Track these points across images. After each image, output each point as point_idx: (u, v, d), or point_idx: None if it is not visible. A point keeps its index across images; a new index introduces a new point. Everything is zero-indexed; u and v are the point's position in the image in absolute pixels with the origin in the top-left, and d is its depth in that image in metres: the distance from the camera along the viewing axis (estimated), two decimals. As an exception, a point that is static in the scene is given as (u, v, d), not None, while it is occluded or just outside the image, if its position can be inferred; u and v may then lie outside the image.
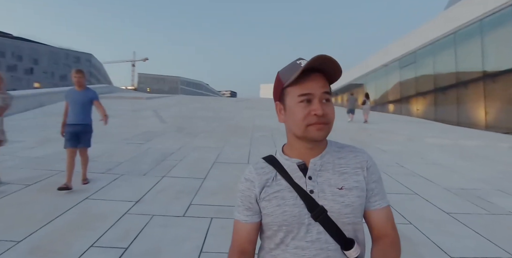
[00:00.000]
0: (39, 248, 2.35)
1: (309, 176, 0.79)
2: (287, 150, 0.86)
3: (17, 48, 61.52)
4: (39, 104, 13.50)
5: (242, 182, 0.86)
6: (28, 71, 62.81)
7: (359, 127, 11.29)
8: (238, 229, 0.84)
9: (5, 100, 3.79)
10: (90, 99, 4.00)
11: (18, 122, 9.08)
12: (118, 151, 5.88)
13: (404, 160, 5.96)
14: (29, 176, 4.14)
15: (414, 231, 2.83)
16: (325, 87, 0.77)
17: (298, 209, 0.76)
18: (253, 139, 7.62)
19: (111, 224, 2.80)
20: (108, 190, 3.74)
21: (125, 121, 10.40)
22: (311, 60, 0.72)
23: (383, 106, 21.70)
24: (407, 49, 18.34)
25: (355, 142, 7.82)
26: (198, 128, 9.25)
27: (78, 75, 3.94)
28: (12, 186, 3.75)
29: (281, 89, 0.80)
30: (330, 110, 0.77)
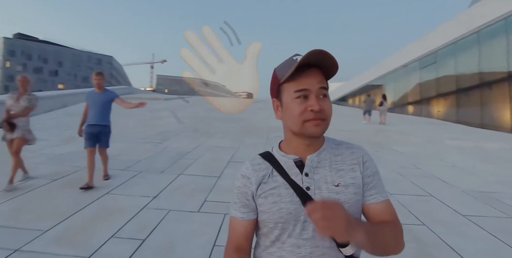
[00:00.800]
0: (63, 238, 2.51)
1: (306, 172, 0.78)
2: (284, 146, 0.85)
3: (43, 51, 64.29)
4: (63, 105, 14.10)
5: (238, 179, 0.85)
6: (53, 73, 65.48)
7: (375, 128, 11.12)
8: (234, 226, 0.83)
9: (31, 101, 3.97)
10: (110, 100, 4.07)
11: (43, 122, 9.54)
12: (136, 150, 6.09)
13: (421, 161, 5.85)
14: (54, 172, 4.38)
15: (426, 232, 2.80)
16: (322, 82, 0.75)
17: (294, 206, 0.76)
18: (268, 139, 7.68)
19: (129, 217, 2.94)
20: (127, 186, 3.90)
21: (143, 121, 10.70)
22: (306, 55, 0.70)
23: (402, 108, 21.21)
24: (427, 49, 17.89)
25: (371, 143, 7.73)
26: (214, 128, 9.40)
27: (98, 78, 4.05)
28: (39, 180, 3.99)
29: (278, 85, 0.79)
30: (327, 106, 0.75)
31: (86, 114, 4.09)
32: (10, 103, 3.87)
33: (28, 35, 69.16)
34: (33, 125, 4.20)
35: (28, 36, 68.67)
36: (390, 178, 4.60)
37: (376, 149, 7.04)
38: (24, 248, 2.33)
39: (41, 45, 65.05)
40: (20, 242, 2.40)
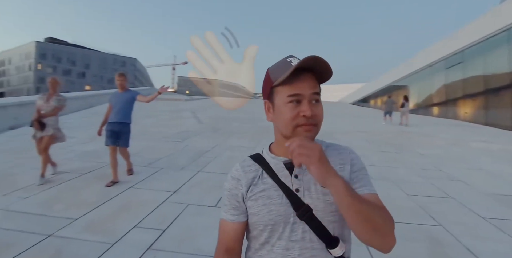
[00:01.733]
0: (92, 226, 2.71)
1: (295, 174, 0.78)
2: (274, 148, 0.85)
3: (72, 55, 67.39)
4: (89, 105, 14.77)
5: (228, 180, 0.85)
6: (81, 75, 68.44)
7: (396, 130, 10.87)
8: (224, 228, 0.82)
9: (60, 102, 4.18)
10: (132, 98, 4.15)
11: (72, 121, 10.06)
12: (158, 148, 6.32)
13: (443, 164, 5.69)
14: (82, 167, 4.65)
15: (443, 233, 2.76)
16: (315, 88, 0.75)
17: (284, 207, 0.76)
18: (286, 140, 7.73)
19: (151, 209, 3.11)
20: (149, 181, 4.09)
21: (164, 121, 11.03)
22: (301, 61, 0.70)
23: (427, 109, 20.50)
24: (454, 48, 17.22)
25: (392, 145, 7.58)
26: (233, 129, 9.55)
27: (121, 78, 4.15)
28: (69, 174, 4.26)
29: (270, 87, 0.78)
30: (319, 111, 0.75)
31: (108, 115, 4.20)
32: (40, 104, 4.08)
33: (58, 39, 72.78)
34: (62, 124, 4.48)
35: (58, 40, 72.25)
36: (409, 180, 4.52)
37: (396, 150, 6.91)
38: (56, 234, 2.54)
39: (70, 49, 68.22)
40: (53, 229, 2.61)
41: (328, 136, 8.63)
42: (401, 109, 12.94)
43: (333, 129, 10.21)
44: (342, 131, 9.84)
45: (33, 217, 2.86)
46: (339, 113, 17.49)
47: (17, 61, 65.13)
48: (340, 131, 9.92)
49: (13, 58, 66.22)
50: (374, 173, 4.80)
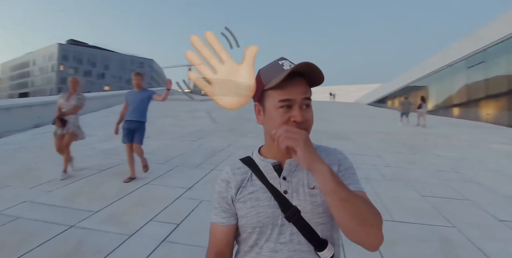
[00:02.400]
0: (111, 218, 2.84)
1: (284, 176, 0.79)
2: (264, 151, 0.86)
3: (92, 56, 69.53)
4: (108, 105, 15.22)
5: (218, 183, 0.85)
6: (100, 76, 70.51)
7: (413, 131, 10.65)
8: (215, 231, 0.82)
9: (80, 100, 4.32)
10: (148, 97, 4.21)
11: (92, 120, 10.42)
12: (173, 146, 6.47)
13: (461, 166, 5.56)
14: (101, 163, 4.84)
15: (456, 234, 2.73)
16: (306, 93, 0.75)
17: (272, 209, 0.76)
18: (299, 140, 7.72)
19: (166, 204, 3.22)
20: (164, 178, 4.21)
21: (180, 121, 11.25)
22: (294, 67, 0.70)
23: (446, 110, 19.92)
24: (475, 47, 16.68)
25: (408, 146, 7.46)
26: (247, 128, 9.61)
27: (137, 78, 4.24)
28: (89, 170, 4.45)
29: (261, 91, 0.77)
30: (310, 116, 0.76)
31: (123, 114, 4.27)
32: (61, 102, 4.24)
33: (79, 41, 75.27)
34: (83, 123, 4.66)
35: (79, 42, 74.73)
36: (424, 181, 4.46)
37: (412, 151, 6.80)
38: (78, 225, 2.68)
39: (90, 50, 70.41)
40: (75, 220, 2.76)
41: (343, 136, 8.57)
42: (418, 110, 12.67)
43: (347, 130, 10.13)
44: (357, 132, 9.74)
45: (57, 209, 3.02)
46: (354, 114, 17.28)
47: (41, 62, 67.78)
48: (355, 131, 9.83)
49: (37, 60, 68.96)
50: (388, 174, 4.76)
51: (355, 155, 6.14)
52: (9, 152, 5.72)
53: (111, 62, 72.39)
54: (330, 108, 19.98)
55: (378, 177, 4.59)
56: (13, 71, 76.19)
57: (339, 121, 12.66)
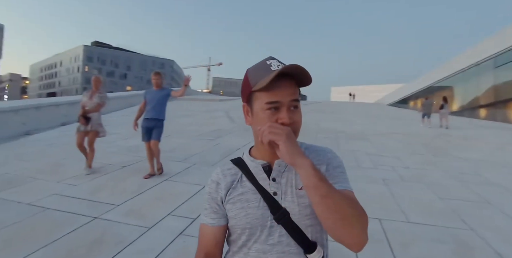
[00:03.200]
0: (131, 211, 2.99)
1: (273, 177, 0.78)
2: (254, 152, 0.84)
3: (115, 57, 71.78)
4: (130, 105, 15.73)
5: (208, 184, 0.84)
6: (123, 77, 72.68)
7: (435, 132, 10.34)
8: (204, 232, 0.82)
9: (102, 99, 4.50)
10: (166, 95, 4.30)
11: (115, 119, 10.81)
12: (192, 145, 6.63)
13: (485, 169, 5.37)
14: (124, 160, 5.05)
15: (473, 237, 2.67)
16: (294, 94, 0.73)
17: (261, 211, 0.75)
18: (317, 140, 7.69)
19: (184, 200, 3.34)
20: (183, 175, 4.35)
21: (198, 120, 11.46)
22: (279, 70, 0.69)
23: (473, 111, 19.11)
24: (504, 46, 15.93)
25: (429, 148, 7.26)
26: (264, 128, 9.67)
27: (156, 77, 4.34)
28: (112, 166, 4.66)
29: (249, 92, 0.76)
30: (298, 118, 0.74)
31: (142, 110, 4.39)
32: (84, 100, 4.43)
33: (103, 43, 77.92)
34: (106, 122, 4.87)
35: (103, 43, 77.38)
36: (444, 183, 4.35)
37: (433, 153, 6.62)
38: (101, 216, 2.85)
39: (114, 52, 72.73)
40: (99, 212, 2.93)
41: (361, 137, 8.46)
42: (440, 111, 12.27)
43: (366, 130, 9.98)
44: (376, 132, 9.58)
45: (82, 202, 3.21)
46: (374, 114, 16.94)
47: (67, 63, 70.73)
48: (374, 132, 9.67)
49: (64, 61, 72.02)
50: (406, 175, 4.68)
51: (373, 155, 6.06)
52: (40, 148, 6.06)
53: (133, 63, 74.45)
54: (349, 109, 19.70)
55: (395, 178, 4.53)
56: (42, 72, 80.00)
57: (358, 122, 12.48)
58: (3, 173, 4.20)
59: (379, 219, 2.97)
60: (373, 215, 3.04)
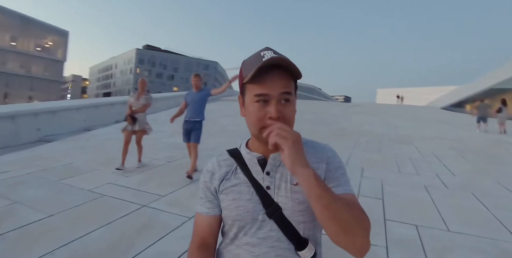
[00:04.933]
0: (175, 202, 3.27)
1: (267, 171, 0.76)
2: (250, 144, 0.83)
3: (163, 59, 75.82)
4: (176, 104, 16.62)
5: (203, 173, 0.84)
6: (170, 78, 76.50)
7: (491, 139, 9.48)
8: (199, 221, 0.82)
9: (147, 100, 4.81)
10: (206, 96, 4.38)
11: (162, 117, 11.51)
12: (232, 144, 6.73)
13: (547, 179, 4.85)
14: (169, 156, 5.45)
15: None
16: (285, 87, 0.70)
17: (253, 204, 0.74)
18: (357, 143, 7.52)
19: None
20: (222, 172, 4.56)
21: (239, 120, 11.76)
22: (264, 61, 0.67)
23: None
24: None
25: (482, 155, 6.72)
26: (302, 129, 9.63)
27: (196, 79, 4.40)
28: (159, 161, 5.07)
29: (242, 84, 0.75)
30: (289, 112, 0.71)
31: (182, 111, 4.54)
32: (131, 101, 4.77)
33: (153, 46, 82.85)
34: (154, 120, 5.27)
35: (153, 47, 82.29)
36: (495, 193, 4.04)
37: (487, 161, 6.12)
38: (149, 205, 3.16)
39: (162, 54, 76.92)
40: (147, 201, 3.26)
41: (405, 141, 8.09)
42: (497, 115, 11.20)
43: (412, 134, 9.49)
44: (423, 137, 9.07)
45: (132, 191, 3.57)
46: (423, 118, 15.94)
47: (121, 65, 76.32)
48: (421, 136, 9.16)
49: (118, 63, 77.83)
50: (452, 183, 4.42)
51: (417, 161, 5.80)
52: (98, 142, 6.76)
53: (179, 65, 78.03)
54: (396, 112, 18.77)
55: (439, 185, 4.30)
56: (99, 73, 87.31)
57: (404, 126, 11.88)
58: (69, 162, 4.80)
59: (415, 225, 2.89)
60: (409, 221, 2.97)
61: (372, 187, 4.01)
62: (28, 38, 53.35)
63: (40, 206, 3.02)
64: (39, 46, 55.55)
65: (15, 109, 7.26)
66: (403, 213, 3.17)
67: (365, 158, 5.86)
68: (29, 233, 2.48)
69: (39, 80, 55.24)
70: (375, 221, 2.97)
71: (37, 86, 54.78)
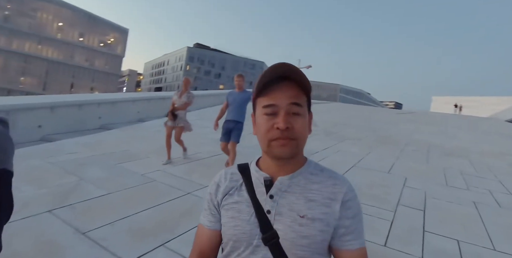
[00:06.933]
0: (216, 192, 3.48)
1: (271, 194, 0.71)
2: (261, 162, 0.78)
3: (212, 58, 78.39)
4: (221, 102, 17.21)
5: (211, 184, 0.82)
6: (217, 76, 78.91)
7: None
8: (200, 233, 0.80)
9: (189, 98, 4.88)
10: (247, 98, 4.34)
11: (208, 114, 12.02)
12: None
13: None
14: (212, 150, 5.75)
15: None
16: (295, 98, 0.68)
17: (250, 226, 0.70)
18: (404, 152, 7.20)
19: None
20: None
21: (281, 120, 11.86)
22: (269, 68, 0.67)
23: None
24: None
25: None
26: (347, 134, 9.48)
27: (239, 79, 4.34)
28: (203, 154, 5.40)
29: (254, 100, 0.74)
30: (298, 124, 0.67)
31: (223, 111, 4.53)
32: (175, 98, 4.97)
33: (203, 45, 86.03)
34: (200, 116, 5.57)
35: (203, 45, 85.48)
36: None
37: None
38: (193, 193, 3.44)
39: (211, 53, 79.60)
40: (191, 189, 3.55)
41: (460, 154, 7.55)
42: None
43: (469, 147, 8.82)
44: (481, 151, 8.37)
45: (179, 179, 3.89)
46: (484, 130, 14.59)
47: (173, 62, 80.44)
48: (478, 150, 8.47)
49: (170, 60, 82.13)
50: (506, 202, 4.09)
51: (469, 175, 5.42)
52: (150, 133, 7.34)
53: (226, 64, 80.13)
54: (452, 122, 17.43)
55: (491, 202, 4.01)
56: (153, 69, 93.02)
57: (461, 137, 11.03)
58: (125, 149, 5.32)
59: (457, 240, 2.77)
60: (451, 235, 2.85)
61: (414, 197, 3.87)
62: (93, 35, 59.21)
63: (102, 184, 3.44)
64: (102, 42, 61.31)
65: (83, 99, 8.15)
66: (445, 227, 3.05)
67: (410, 168, 5.63)
68: (92, 206, 2.87)
69: (100, 73, 60.88)
70: (413, 230, 2.91)
71: (98, 78, 60.43)
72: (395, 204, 3.59)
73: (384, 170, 5.33)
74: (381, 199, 3.73)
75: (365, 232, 2.63)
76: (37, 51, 51.20)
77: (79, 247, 2.15)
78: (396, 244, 2.59)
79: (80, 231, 2.36)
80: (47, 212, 2.66)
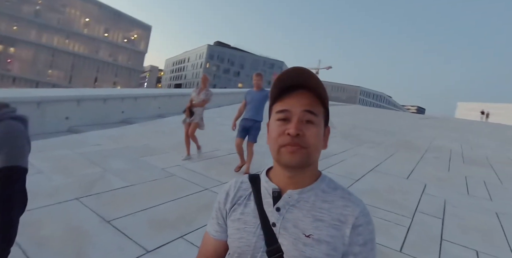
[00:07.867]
0: (233, 190, 3.56)
1: (278, 207, 0.68)
2: (272, 172, 0.75)
3: (232, 56, 78.83)
4: (240, 100, 17.34)
5: (220, 192, 0.80)
6: (236, 74, 79.34)
7: None
8: (206, 242, 0.79)
9: (207, 96, 4.86)
10: (265, 97, 4.30)
11: (226, 112, 12.16)
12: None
13: None
14: (230, 148, 5.80)
15: None
16: (309, 105, 0.66)
17: (255, 239, 0.68)
18: (424, 158, 7.02)
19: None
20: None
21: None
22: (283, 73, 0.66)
23: None
24: None
25: None
26: (365, 138, 9.34)
27: (257, 78, 4.34)
28: (221, 152, 5.49)
29: (270, 106, 0.73)
30: (311, 133, 0.65)
31: (241, 111, 4.49)
32: (193, 95, 5.01)
33: (224, 43, 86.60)
34: (219, 114, 5.65)
35: (223, 43, 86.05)
36: None
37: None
38: (210, 188, 3.53)
39: (231, 51, 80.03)
40: (209, 185, 3.64)
41: (482, 163, 7.30)
42: None
43: (493, 156, 8.50)
44: (507, 160, 8.05)
45: (197, 175, 3.99)
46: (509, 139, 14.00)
47: (193, 59, 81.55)
48: (504, 159, 8.15)
49: (191, 57, 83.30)
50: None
51: (492, 185, 5.24)
52: (171, 129, 7.52)
53: (246, 62, 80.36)
54: (477, 129, 16.80)
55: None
56: (173, 66, 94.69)
57: (486, 145, 10.61)
58: (146, 143, 5.50)
59: (476, 250, 2.71)
60: (470, 245, 2.79)
61: (433, 205, 3.80)
62: (117, 31, 61.05)
63: (124, 176, 3.60)
64: (126, 38, 63.09)
65: (107, 93, 8.46)
66: (463, 236, 2.98)
67: (430, 175, 5.50)
68: (116, 196, 3.01)
69: (123, 68, 62.66)
70: (430, 237, 2.87)
71: (120, 73, 62.24)
72: (413, 210, 3.53)
73: (403, 176, 5.24)
74: (399, 204, 3.69)
75: (381, 236, 2.62)
76: (65, 45, 53.39)
77: (104, 235, 2.27)
78: (412, 250, 2.56)
79: (105, 220, 2.49)
80: (75, 199, 2.83)
